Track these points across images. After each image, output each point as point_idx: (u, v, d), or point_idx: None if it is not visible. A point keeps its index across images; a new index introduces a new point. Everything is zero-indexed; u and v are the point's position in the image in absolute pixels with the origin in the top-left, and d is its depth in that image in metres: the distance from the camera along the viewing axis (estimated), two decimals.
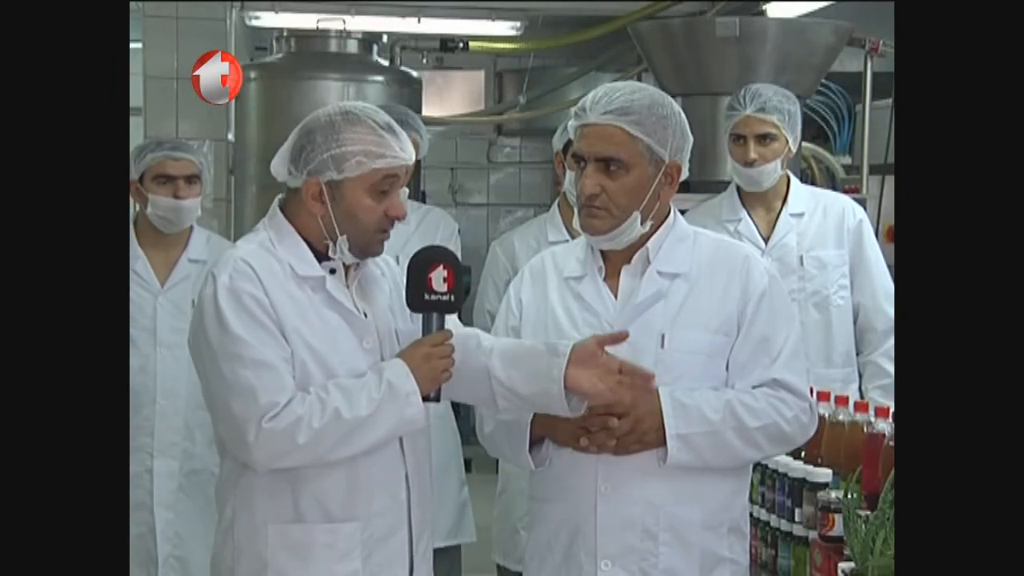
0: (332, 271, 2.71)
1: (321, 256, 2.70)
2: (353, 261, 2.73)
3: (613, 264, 2.84)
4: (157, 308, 4.11)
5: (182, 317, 4.05)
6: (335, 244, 2.67)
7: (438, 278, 2.67)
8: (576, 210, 2.82)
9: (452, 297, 2.68)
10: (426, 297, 2.67)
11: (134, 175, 4.13)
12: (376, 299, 2.78)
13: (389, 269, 2.86)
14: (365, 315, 2.73)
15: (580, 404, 2.68)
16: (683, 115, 2.82)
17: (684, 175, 2.82)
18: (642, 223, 2.77)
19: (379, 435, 2.62)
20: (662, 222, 2.83)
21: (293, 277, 2.66)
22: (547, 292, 2.89)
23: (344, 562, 2.66)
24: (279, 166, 2.71)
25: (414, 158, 2.73)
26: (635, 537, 2.74)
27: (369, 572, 2.68)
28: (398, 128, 2.70)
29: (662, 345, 2.75)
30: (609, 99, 2.73)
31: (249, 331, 2.58)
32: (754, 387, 2.76)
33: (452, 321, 2.75)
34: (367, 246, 2.70)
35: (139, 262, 4.13)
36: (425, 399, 2.64)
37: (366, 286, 2.78)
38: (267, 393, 2.55)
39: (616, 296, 2.82)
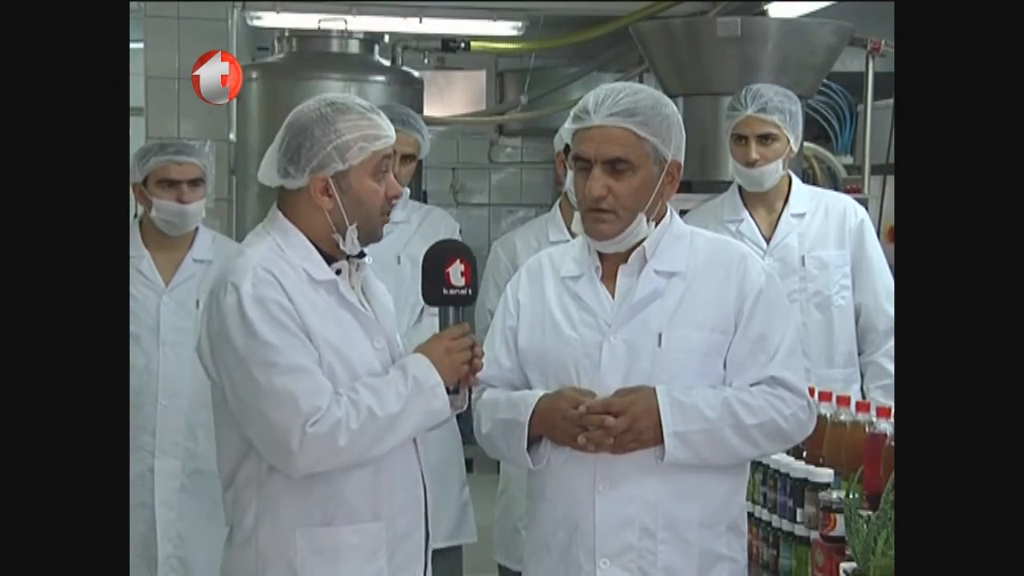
0: (338, 272, 2.71)
1: (328, 258, 2.71)
2: (358, 250, 2.73)
3: (610, 263, 2.84)
4: (161, 308, 4.11)
5: (186, 316, 4.06)
6: (344, 236, 2.67)
7: (456, 272, 2.70)
8: (579, 213, 2.82)
9: (470, 291, 2.71)
10: (445, 292, 2.70)
11: (137, 178, 4.12)
12: (378, 299, 2.80)
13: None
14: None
15: (463, 400, 2.74)
16: (679, 113, 2.83)
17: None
18: (647, 224, 2.78)
19: (410, 430, 2.64)
20: (658, 221, 2.83)
21: (308, 281, 2.66)
22: (544, 292, 2.89)
23: (371, 562, 2.67)
24: (269, 172, 2.70)
25: (394, 136, 2.74)
26: (633, 535, 2.74)
27: (392, 571, 2.69)
28: (378, 109, 2.73)
29: (659, 344, 2.76)
30: (613, 101, 2.74)
31: (280, 337, 2.56)
32: (752, 385, 2.77)
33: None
34: (374, 230, 2.71)
35: (144, 261, 4.13)
36: (447, 392, 2.66)
37: (367, 287, 2.79)
38: (308, 398, 2.54)
39: (613, 295, 2.82)
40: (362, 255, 2.77)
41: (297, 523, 2.64)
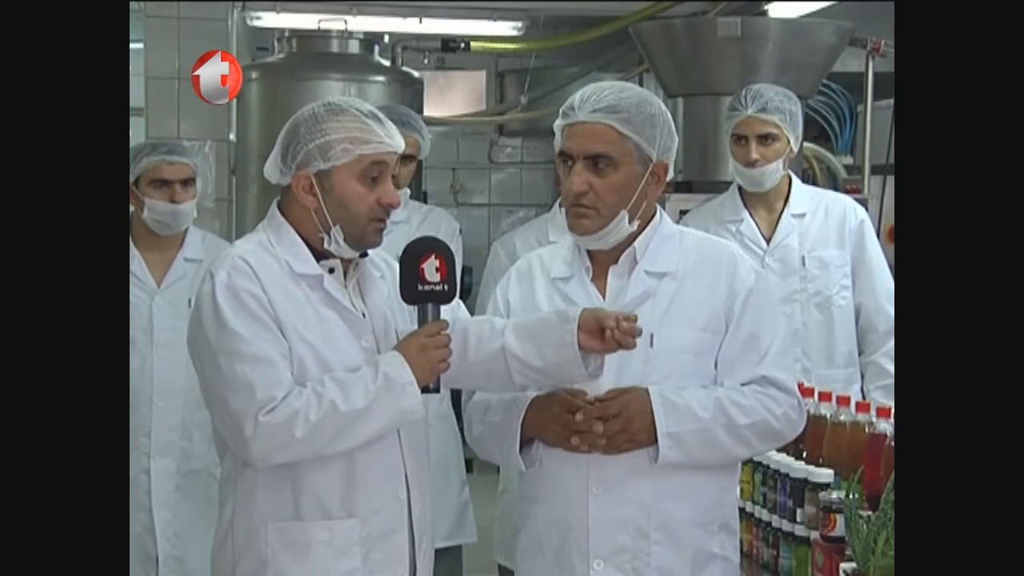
0: (331, 270, 2.71)
1: (320, 255, 2.70)
2: (351, 255, 2.73)
3: (600, 265, 2.84)
4: (153, 308, 4.11)
5: (179, 317, 4.05)
6: (330, 236, 2.67)
7: (431, 268, 2.67)
8: (564, 210, 2.82)
9: (446, 286, 2.67)
10: (420, 288, 2.67)
11: (129, 178, 4.11)
12: (374, 299, 2.78)
13: (391, 271, 2.85)
14: (363, 315, 2.73)
15: (598, 367, 2.69)
16: (669, 115, 2.83)
17: (670, 175, 2.83)
18: (629, 222, 2.77)
19: (377, 427, 2.62)
20: (648, 222, 2.83)
21: (291, 275, 2.66)
22: (535, 293, 2.89)
23: (343, 559, 2.66)
24: (271, 168, 2.72)
25: (402, 147, 2.74)
26: (627, 536, 2.74)
27: (368, 570, 2.68)
28: (383, 117, 2.72)
29: (651, 344, 2.75)
30: (598, 98, 2.74)
31: (247, 327, 2.58)
32: (743, 384, 2.77)
33: (451, 310, 2.75)
34: (363, 236, 2.70)
35: (135, 262, 4.12)
36: (424, 390, 2.63)
37: (364, 286, 2.78)
38: (264, 387, 2.55)
39: (604, 296, 2.82)
40: (363, 254, 2.77)
41: (269, 516, 2.65)
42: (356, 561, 2.67)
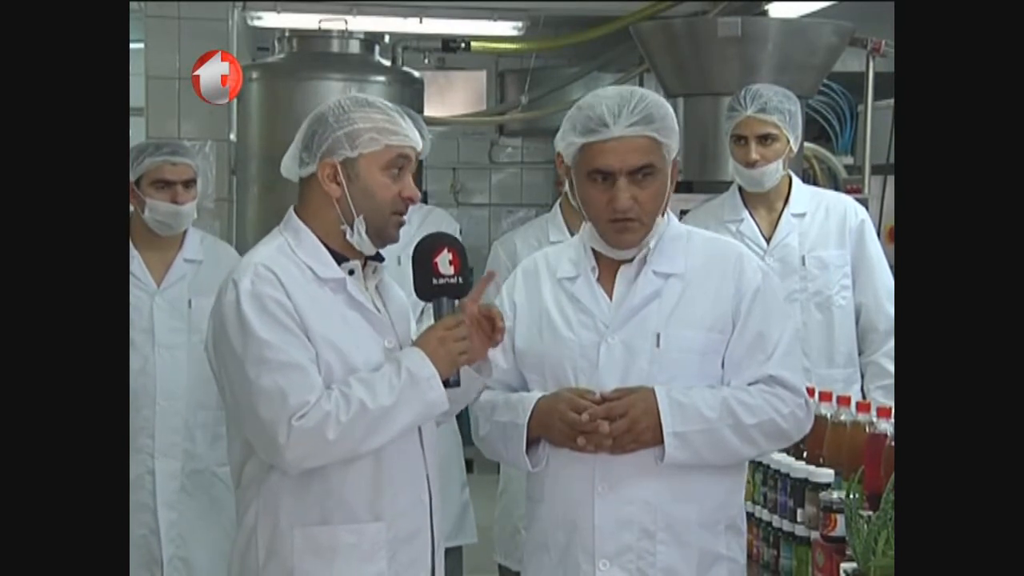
0: (351, 272, 2.71)
1: (340, 258, 2.71)
2: (370, 251, 2.73)
3: (606, 264, 2.84)
4: (154, 308, 4.09)
5: (179, 317, 4.05)
6: (352, 228, 2.68)
7: (444, 261, 2.69)
8: (592, 226, 2.79)
9: (460, 279, 2.69)
10: (434, 282, 2.68)
11: (131, 178, 4.11)
12: (393, 301, 2.80)
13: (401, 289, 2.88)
14: (384, 316, 2.74)
15: (487, 367, 2.76)
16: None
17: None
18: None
19: (405, 423, 2.62)
20: None
21: (314, 279, 2.66)
22: (541, 293, 2.89)
23: (369, 563, 2.66)
24: (290, 163, 2.73)
25: (421, 145, 2.76)
26: (632, 536, 2.74)
27: (394, 572, 2.68)
28: (405, 115, 2.74)
29: (657, 344, 2.75)
30: (630, 110, 2.72)
31: (274, 334, 2.57)
32: (750, 384, 2.77)
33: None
34: (383, 229, 2.70)
35: (134, 262, 4.09)
36: (445, 384, 2.64)
37: (383, 288, 2.80)
38: (296, 393, 2.55)
39: (610, 296, 2.82)
40: (379, 258, 2.78)
41: (294, 522, 2.64)
42: (382, 564, 2.66)
